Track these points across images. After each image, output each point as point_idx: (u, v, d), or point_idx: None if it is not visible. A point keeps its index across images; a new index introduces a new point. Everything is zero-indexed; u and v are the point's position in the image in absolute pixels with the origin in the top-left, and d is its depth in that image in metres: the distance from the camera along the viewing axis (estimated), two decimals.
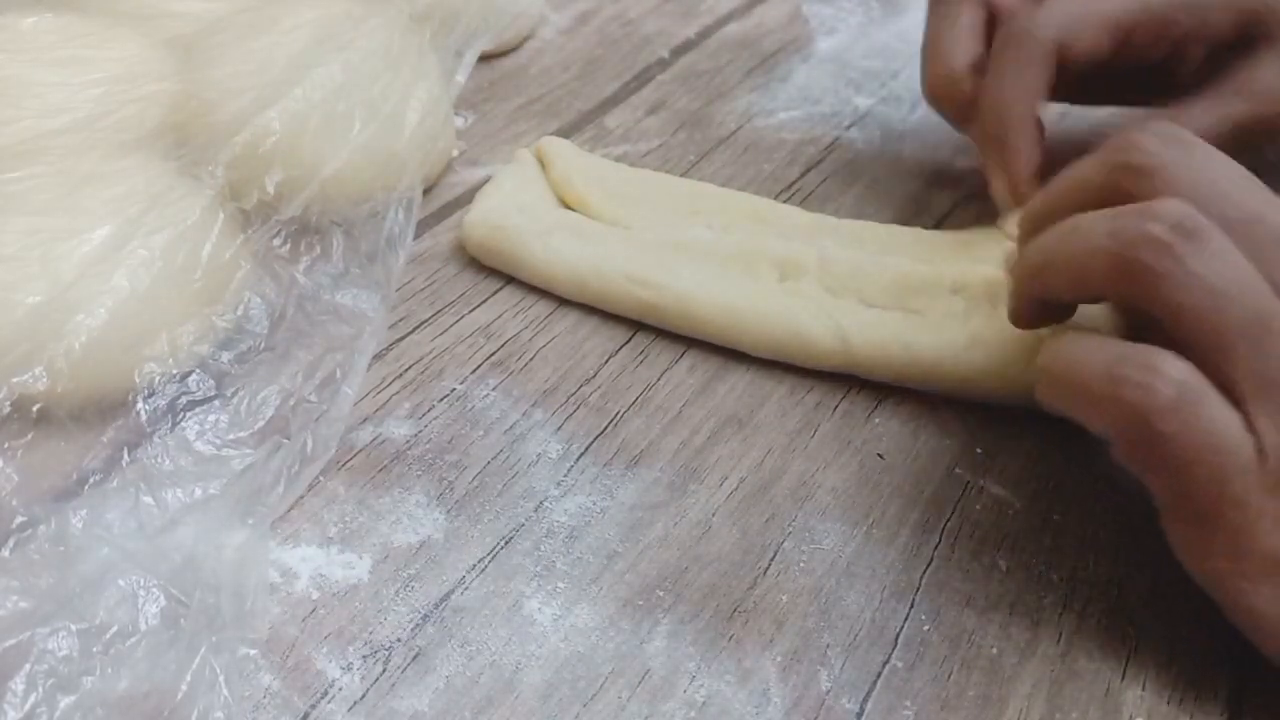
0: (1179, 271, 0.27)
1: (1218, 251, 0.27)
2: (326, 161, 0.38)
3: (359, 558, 0.31)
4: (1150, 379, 0.26)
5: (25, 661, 0.26)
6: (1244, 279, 0.27)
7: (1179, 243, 0.27)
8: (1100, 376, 0.27)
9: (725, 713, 0.28)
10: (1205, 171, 0.28)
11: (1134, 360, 0.27)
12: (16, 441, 0.31)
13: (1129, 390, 0.27)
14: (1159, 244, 0.27)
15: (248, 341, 0.35)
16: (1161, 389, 0.26)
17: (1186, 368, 0.26)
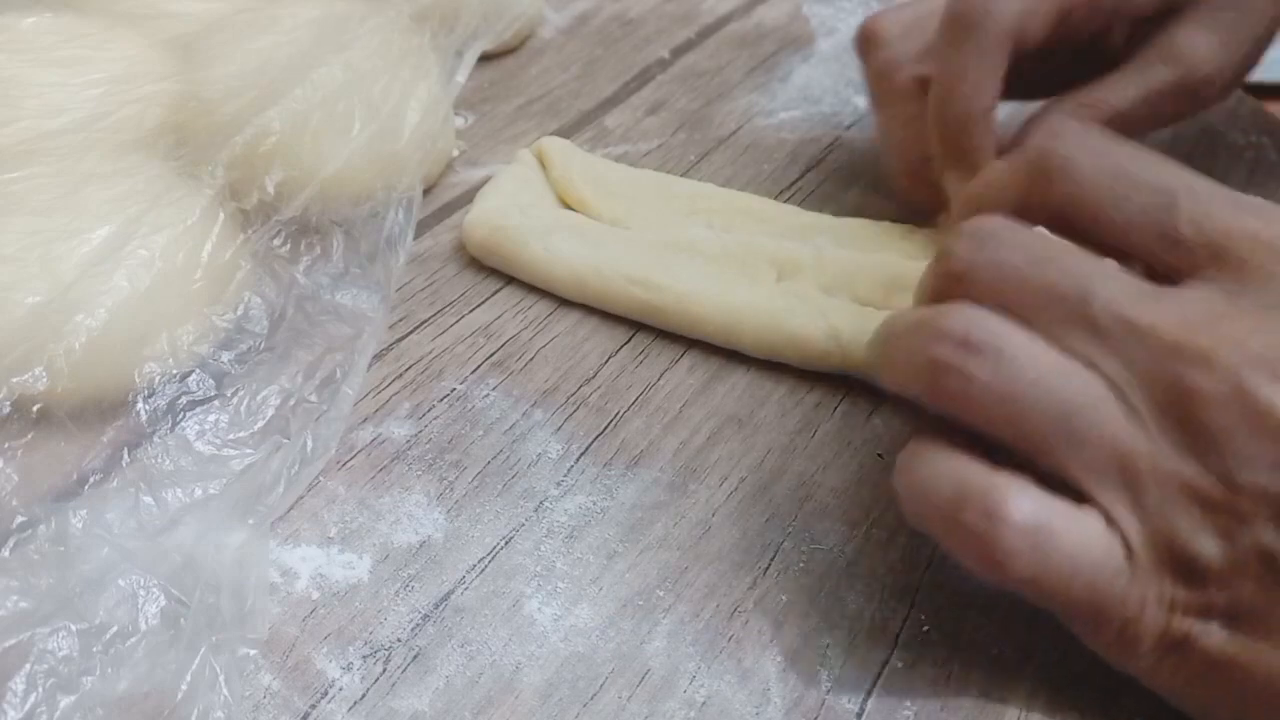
0: (971, 389, 0.26)
1: (1008, 357, 0.26)
2: (326, 161, 0.38)
3: (359, 558, 0.31)
4: (994, 527, 0.25)
5: (25, 661, 0.26)
6: (1041, 375, 0.25)
7: (964, 360, 0.26)
8: (945, 515, 0.26)
9: (725, 713, 0.28)
10: (1002, 264, 0.27)
11: (975, 504, 0.25)
12: (16, 441, 0.31)
13: (974, 541, 0.25)
14: (945, 366, 0.26)
15: (248, 341, 0.35)
16: (1008, 538, 0.25)
17: (1031, 502, 0.25)
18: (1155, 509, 0.25)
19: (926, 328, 0.27)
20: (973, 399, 0.26)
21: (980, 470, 0.26)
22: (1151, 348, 0.25)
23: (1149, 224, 0.27)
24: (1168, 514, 0.25)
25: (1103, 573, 0.25)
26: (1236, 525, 0.24)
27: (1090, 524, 0.25)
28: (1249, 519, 0.24)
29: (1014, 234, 0.27)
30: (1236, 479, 0.24)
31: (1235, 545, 0.24)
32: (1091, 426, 0.25)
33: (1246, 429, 0.24)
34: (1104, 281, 0.26)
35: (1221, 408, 0.24)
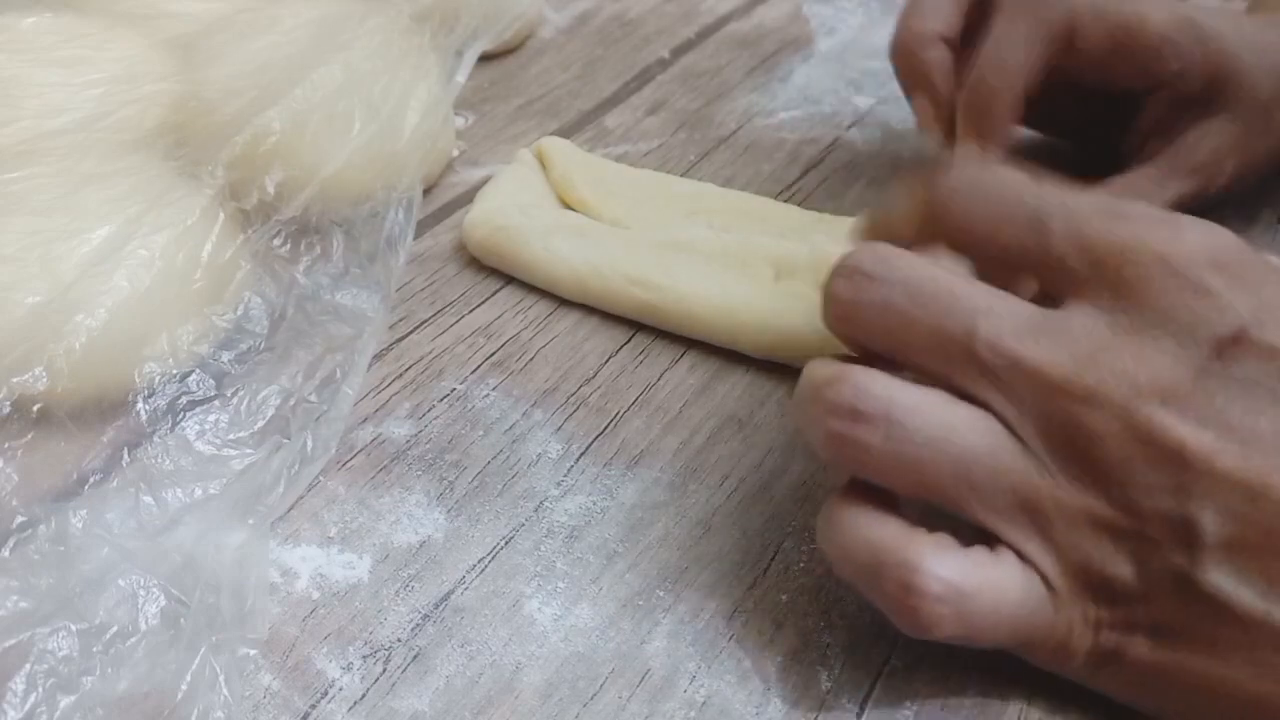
0: (869, 457, 0.26)
1: (897, 421, 0.25)
2: (326, 161, 0.38)
3: (359, 558, 0.31)
4: (913, 598, 0.25)
5: (25, 661, 0.26)
6: (932, 432, 0.25)
7: (856, 431, 0.26)
8: (866, 582, 0.26)
9: (725, 713, 0.28)
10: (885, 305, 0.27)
11: (892, 573, 0.25)
12: (16, 441, 0.31)
13: (897, 609, 0.25)
14: (840, 438, 0.26)
15: (248, 341, 0.35)
16: (928, 607, 0.25)
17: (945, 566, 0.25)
18: (1065, 542, 0.25)
19: (820, 400, 0.27)
20: (871, 465, 0.26)
21: (895, 534, 0.26)
22: (1039, 387, 0.25)
23: (1028, 247, 0.27)
24: (1078, 545, 0.25)
25: (1024, 611, 0.26)
26: (1147, 550, 0.25)
27: (1006, 568, 0.26)
28: (1158, 543, 0.25)
29: (896, 269, 0.27)
30: (1140, 507, 0.25)
31: (1148, 568, 0.25)
32: (990, 473, 0.25)
33: (1142, 459, 0.24)
34: (988, 317, 0.26)
35: (1115, 442, 0.25)
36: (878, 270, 0.27)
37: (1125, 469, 0.25)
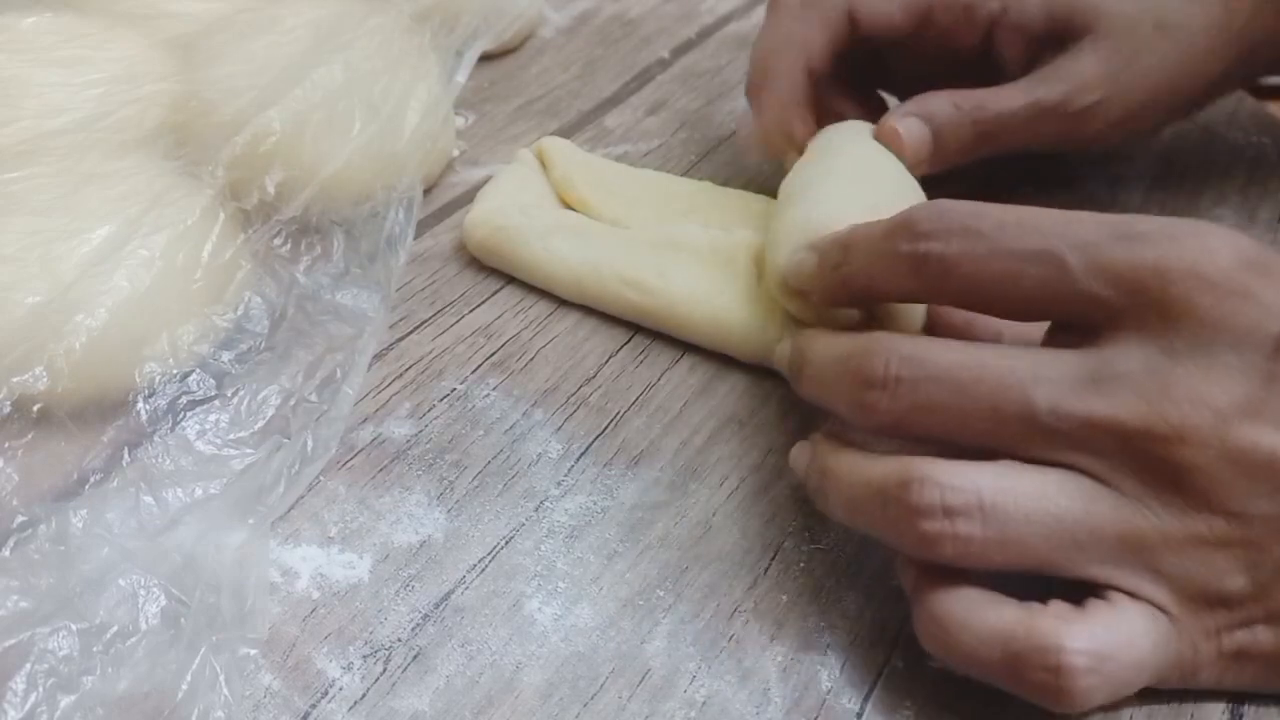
0: (972, 549, 0.26)
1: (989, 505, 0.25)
2: (327, 161, 0.38)
3: (359, 557, 0.31)
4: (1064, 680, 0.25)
5: (26, 661, 0.26)
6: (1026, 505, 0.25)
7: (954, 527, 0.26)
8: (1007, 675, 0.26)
9: (725, 713, 0.28)
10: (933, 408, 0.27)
11: (1035, 661, 0.25)
12: (17, 441, 0.31)
13: (1047, 694, 0.25)
14: (938, 538, 0.26)
15: (248, 341, 0.35)
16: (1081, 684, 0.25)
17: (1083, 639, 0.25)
18: (1176, 571, 0.26)
19: (902, 505, 0.26)
20: (975, 555, 0.26)
21: (1018, 618, 0.25)
22: (1119, 436, 0.25)
23: (1051, 294, 0.27)
24: (1190, 569, 0.26)
25: (1159, 650, 0.26)
26: (1255, 553, 0.26)
27: (1132, 617, 0.26)
28: (1266, 544, 0.25)
29: (926, 366, 0.27)
30: (1246, 516, 0.25)
31: (1260, 569, 0.26)
32: (1091, 531, 0.26)
33: (1241, 476, 0.25)
34: (1038, 385, 0.26)
35: (1213, 469, 0.25)
36: (905, 371, 0.27)
37: (1227, 490, 0.25)
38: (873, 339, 0.28)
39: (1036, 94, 0.40)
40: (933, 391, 0.27)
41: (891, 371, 0.27)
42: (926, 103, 0.39)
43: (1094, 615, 0.25)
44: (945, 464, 0.26)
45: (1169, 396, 0.25)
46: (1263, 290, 0.25)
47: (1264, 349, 0.25)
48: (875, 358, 0.27)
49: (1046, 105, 0.40)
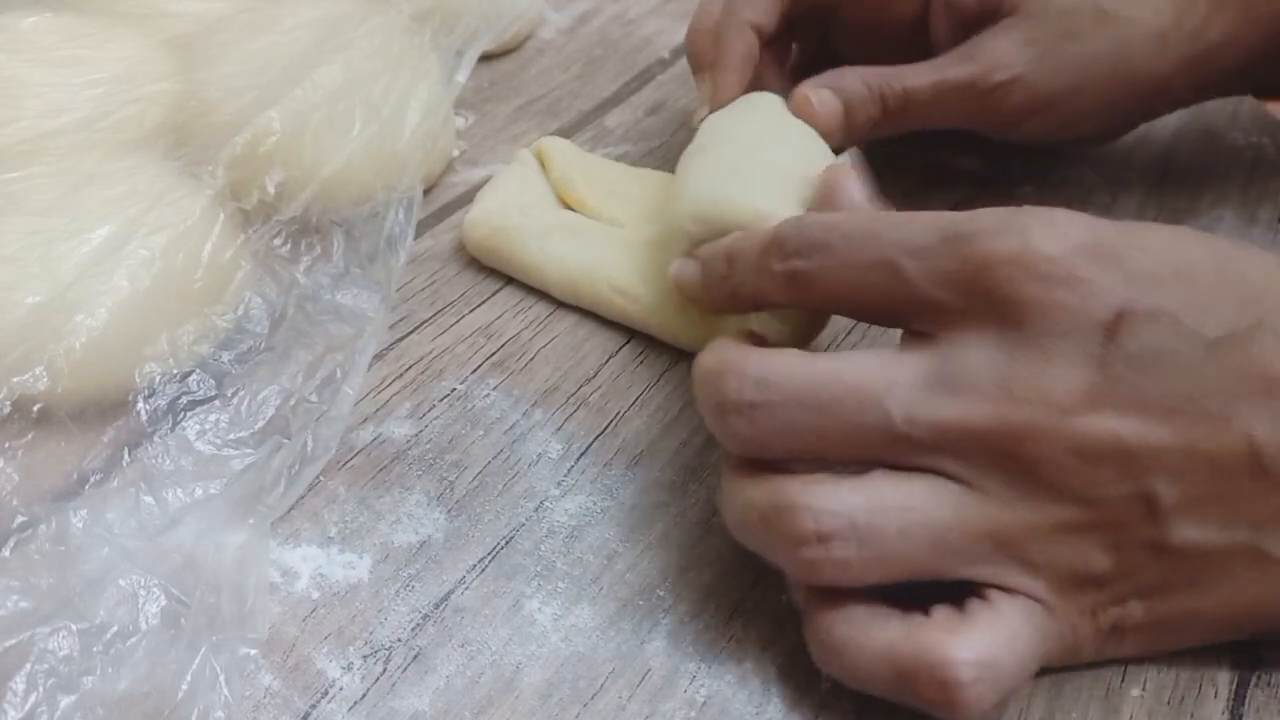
0: (850, 571, 0.26)
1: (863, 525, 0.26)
2: (327, 161, 0.38)
3: (359, 558, 0.31)
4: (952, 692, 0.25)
5: (26, 661, 0.26)
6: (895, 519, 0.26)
7: (830, 552, 0.26)
8: (897, 692, 0.26)
9: (725, 713, 0.28)
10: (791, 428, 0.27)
11: (923, 676, 0.25)
12: (17, 441, 0.31)
13: (937, 706, 0.26)
14: (816, 564, 0.26)
15: (248, 341, 0.35)
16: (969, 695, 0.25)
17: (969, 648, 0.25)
18: (1045, 560, 0.26)
19: (778, 533, 0.26)
20: (854, 575, 0.26)
21: (905, 634, 0.26)
22: (972, 438, 0.26)
23: (894, 300, 0.27)
24: (1058, 555, 0.26)
25: (1039, 640, 0.26)
26: (1117, 533, 0.26)
27: (1009, 613, 0.26)
28: (1126, 524, 0.26)
29: (778, 386, 0.27)
30: (1102, 500, 0.26)
31: (1124, 548, 0.26)
32: (962, 533, 0.26)
33: (1090, 463, 0.25)
34: (891, 394, 0.26)
35: (1061, 460, 0.25)
36: (760, 396, 0.27)
37: (1078, 478, 0.26)
38: (724, 361, 0.28)
39: (945, 72, 0.40)
40: (790, 414, 0.27)
41: (745, 398, 0.27)
42: (840, 77, 0.40)
43: (975, 620, 0.26)
44: (817, 488, 0.26)
45: (1010, 395, 0.25)
46: (1091, 274, 0.25)
47: (1096, 334, 0.25)
48: (729, 380, 0.27)
49: (954, 83, 0.40)
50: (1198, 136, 0.50)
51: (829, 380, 0.27)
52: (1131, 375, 0.25)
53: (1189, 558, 0.26)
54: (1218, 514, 0.26)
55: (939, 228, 0.27)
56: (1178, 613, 0.27)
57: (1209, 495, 0.26)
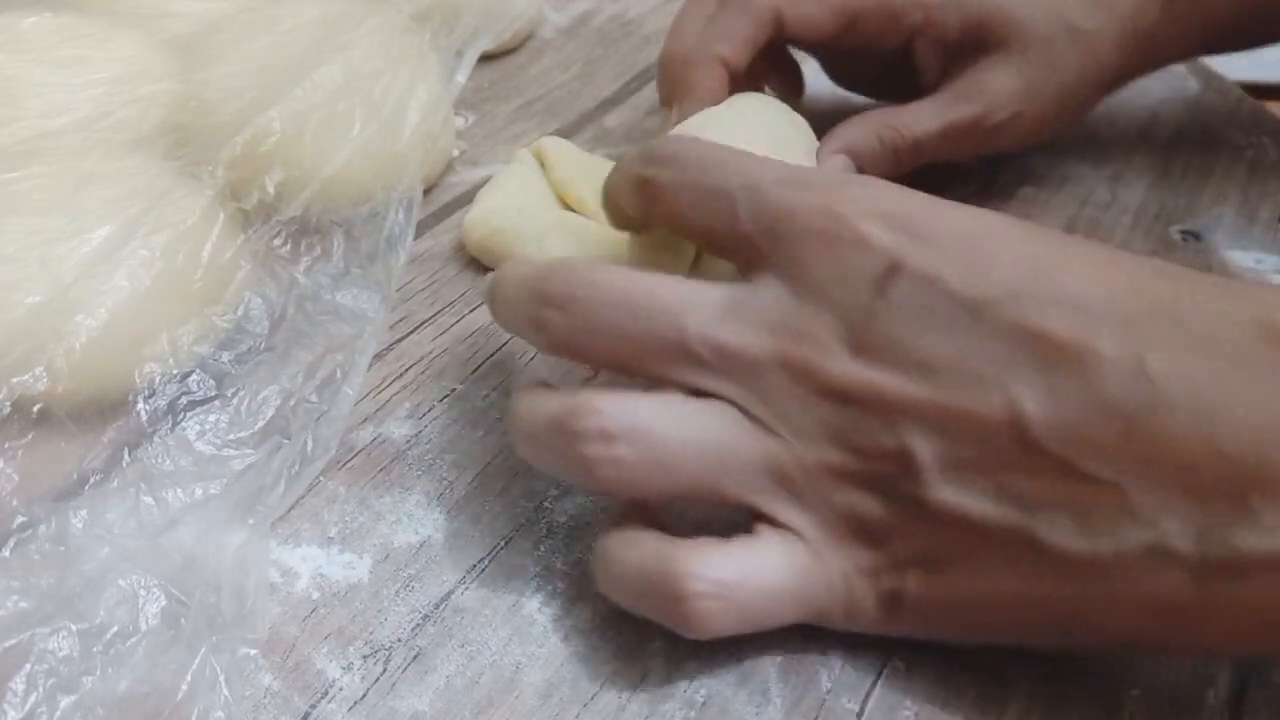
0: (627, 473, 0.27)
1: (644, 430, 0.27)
2: (327, 161, 0.38)
3: (359, 558, 0.31)
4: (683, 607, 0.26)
5: (26, 661, 0.26)
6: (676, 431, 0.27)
7: (611, 450, 0.27)
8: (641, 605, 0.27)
9: (725, 713, 0.28)
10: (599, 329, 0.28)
11: (659, 590, 0.26)
12: (16, 441, 0.31)
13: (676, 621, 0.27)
14: (596, 461, 0.27)
15: (248, 341, 0.35)
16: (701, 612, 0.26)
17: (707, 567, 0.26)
18: (815, 498, 0.27)
19: (565, 432, 0.27)
20: (630, 479, 0.27)
21: (656, 550, 0.27)
22: (747, 365, 0.27)
23: (721, 230, 0.28)
24: (827, 497, 0.27)
25: (795, 579, 0.27)
26: (883, 485, 0.26)
27: (766, 545, 0.27)
28: (890, 477, 0.26)
29: (595, 287, 0.28)
30: (865, 449, 0.26)
31: (891, 502, 0.26)
32: (735, 455, 0.27)
33: (852, 408, 0.26)
34: (691, 312, 0.27)
35: (827, 400, 0.26)
36: (577, 292, 0.28)
37: (841, 420, 0.26)
38: (555, 263, 0.29)
39: (950, 116, 0.41)
40: (603, 314, 0.28)
41: (568, 290, 0.28)
42: (849, 137, 0.41)
43: (729, 546, 0.27)
44: (610, 394, 0.27)
45: (787, 331, 0.27)
46: (874, 234, 0.26)
47: (868, 288, 0.26)
48: (555, 279, 0.28)
49: (961, 125, 0.41)
50: (1198, 136, 0.50)
51: (643, 291, 0.28)
52: (895, 329, 0.26)
53: (957, 525, 0.26)
54: (987, 484, 0.25)
55: (778, 173, 0.28)
56: (954, 592, 0.27)
57: (972, 460, 0.25)
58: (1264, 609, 0.24)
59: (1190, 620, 0.25)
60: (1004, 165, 0.47)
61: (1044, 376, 0.25)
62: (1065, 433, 0.25)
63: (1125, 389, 0.24)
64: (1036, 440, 0.25)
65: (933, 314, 0.26)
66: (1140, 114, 0.52)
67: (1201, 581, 0.24)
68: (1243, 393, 0.24)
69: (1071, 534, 0.25)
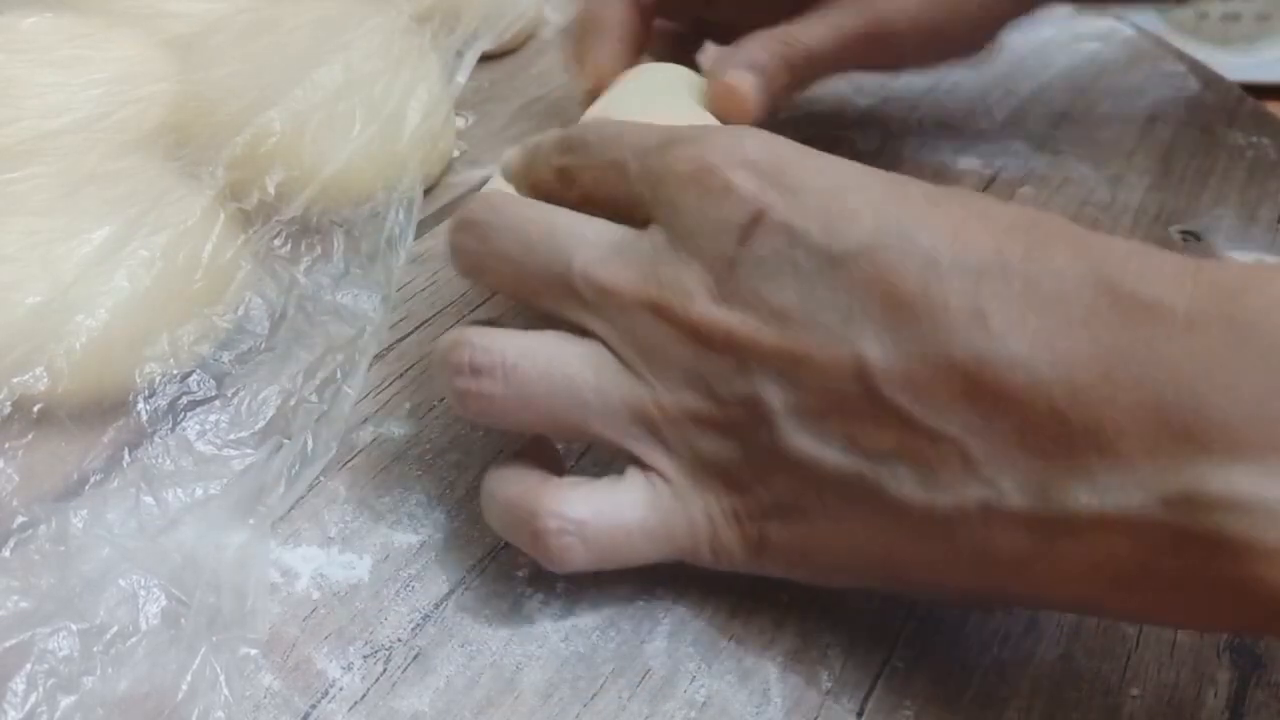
0: (495, 406, 0.28)
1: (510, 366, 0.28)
2: (327, 161, 0.38)
3: (359, 558, 0.31)
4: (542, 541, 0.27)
5: (26, 661, 0.26)
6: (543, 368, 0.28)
7: (479, 384, 0.28)
8: (511, 537, 0.29)
9: (725, 713, 0.28)
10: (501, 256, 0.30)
11: (522, 526, 0.28)
12: (17, 441, 0.31)
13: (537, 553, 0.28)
14: (466, 394, 0.28)
15: (248, 342, 0.35)
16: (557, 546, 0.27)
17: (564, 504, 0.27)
18: (676, 441, 0.28)
19: (445, 365, 0.29)
20: (497, 412, 0.28)
21: (525, 486, 0.28)
22: (619, 306, 0.28)
23: (619, 196, 0.30)
24: (688, 441, 0.28)
25: (654, 519, 0.28)
26: (740, 432, 0.27)
27: (627, 485, 0.28)
28: (745, 424, 0.27)
29: (505, 215, 0.30)
30: (720, 395, 0.27)
31: (747, 449, 0.27)
32: (599, 394, 0.28)
33: (708, 352, 0.27)
34: (581, 248, 0.29)
35: (685, 343, 0.27)
36: (490, 218, 0.30)
37: (700, 365, 0.27)
38: (481, 195, 0.31)
39: (844, 25, 0.41)
40: (502, 241, 0.30)
41: (479, 215, 0.30)
42: (747, 52, 0.41)
43: (593, 485, 0.28)
44: (486, 330, 0.29)
45: (655, 275, 0.28)
46: (744, 184, 0.27)
47: (733, 236, 0.27)
48: (473, 205, 0.31)
49: (856, 34, 0.41)
50: (1198, 136, 0.50)
51: (542, 224, 0.29)
52: (754, 278, 0.27)
53: (809, 473, 0.26)
54: (836, 433, 0.26)
55: (662, 135, 0.29)
56: (811, 539, 0.27)
57: (822, 409, 0.26)
58: (1098, 565, 0.24)
59: (1027, 575, 0.25)
60: (1004, 165, 0.47)
61: (890, 328, 0.25)
62: (907, 384, 0.25)
63: (967, 343, 0.24)
64: (880, 391, 0.25)
65: (792, 264, 0.26)
66: (1140, 114, 0.52)
67: (1037, 537, 0.24)
68: (1082, 352, 0.23)
69: (913, 486, 0.25)
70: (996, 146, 0.44)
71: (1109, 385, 0.23)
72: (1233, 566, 0.22)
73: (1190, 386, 0.22)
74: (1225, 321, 0.23)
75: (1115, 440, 0.23)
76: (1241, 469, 0.22)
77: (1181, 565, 0.23)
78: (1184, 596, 0.23)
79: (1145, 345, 0.23)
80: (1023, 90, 0.55)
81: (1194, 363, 0.23)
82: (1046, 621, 0.30)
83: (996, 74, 0.56)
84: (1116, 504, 0.23)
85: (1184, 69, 0.56)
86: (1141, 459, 0.23)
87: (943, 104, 0.53)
